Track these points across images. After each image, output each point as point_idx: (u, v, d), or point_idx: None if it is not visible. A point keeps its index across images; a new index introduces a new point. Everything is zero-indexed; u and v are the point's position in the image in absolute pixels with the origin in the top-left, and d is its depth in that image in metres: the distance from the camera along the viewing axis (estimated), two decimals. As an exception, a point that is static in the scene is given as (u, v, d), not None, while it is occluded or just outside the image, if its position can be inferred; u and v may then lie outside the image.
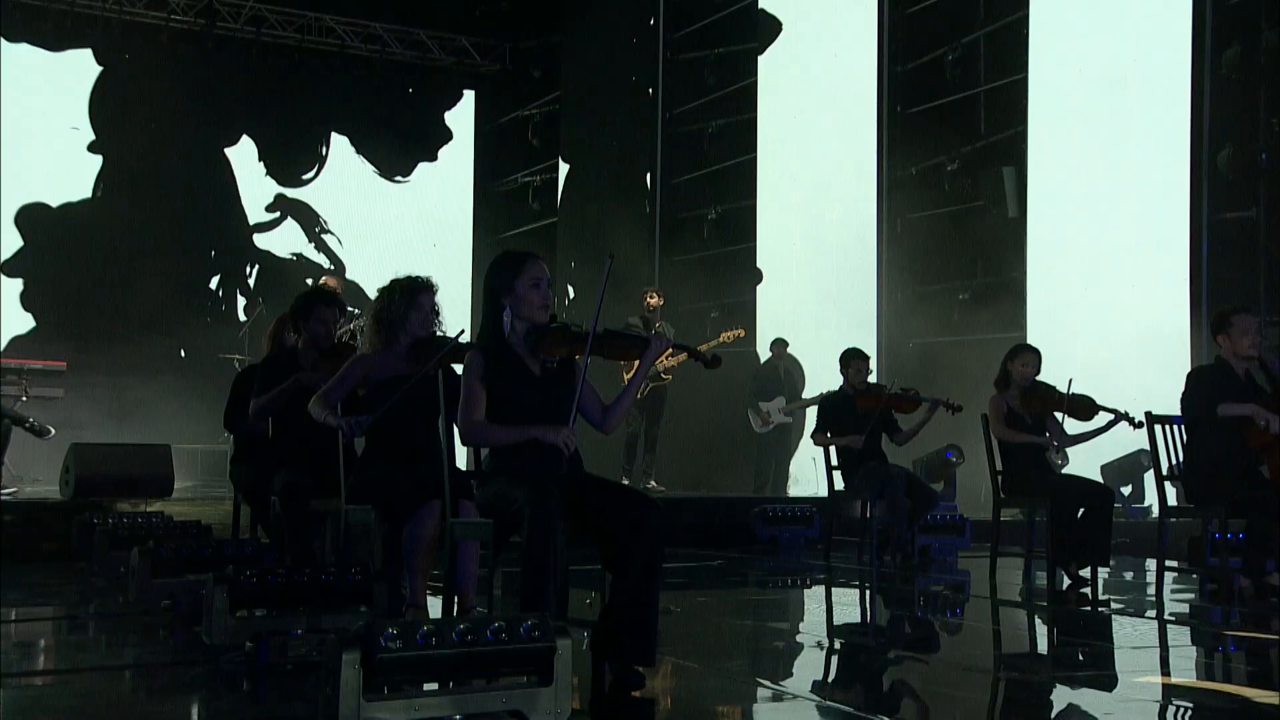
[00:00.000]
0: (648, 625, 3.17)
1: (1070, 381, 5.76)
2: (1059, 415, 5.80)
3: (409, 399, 3.94)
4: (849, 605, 5.56)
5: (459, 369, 4.24)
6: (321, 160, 12.91)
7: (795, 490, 9.97)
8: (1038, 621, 5.07)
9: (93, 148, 11.86)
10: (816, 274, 10.87)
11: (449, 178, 13.58)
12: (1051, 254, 9.39)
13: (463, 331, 4.01)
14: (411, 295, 4.18)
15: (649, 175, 12.22)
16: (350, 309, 7.70)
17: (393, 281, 4.22)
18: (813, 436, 6.67)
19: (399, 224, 13.10)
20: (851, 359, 6.65)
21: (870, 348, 9.66)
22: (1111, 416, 5.71)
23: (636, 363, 3.42)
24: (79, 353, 11.11)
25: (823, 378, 9.67)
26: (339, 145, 13.07)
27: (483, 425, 3.32)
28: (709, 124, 11.76)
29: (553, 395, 3.40)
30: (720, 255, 11.57)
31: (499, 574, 3.33)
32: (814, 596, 5.82)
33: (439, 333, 4.22)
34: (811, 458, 10.37)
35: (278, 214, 12.58)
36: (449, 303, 13.71)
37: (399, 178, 13.26)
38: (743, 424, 10.12)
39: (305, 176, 12.86)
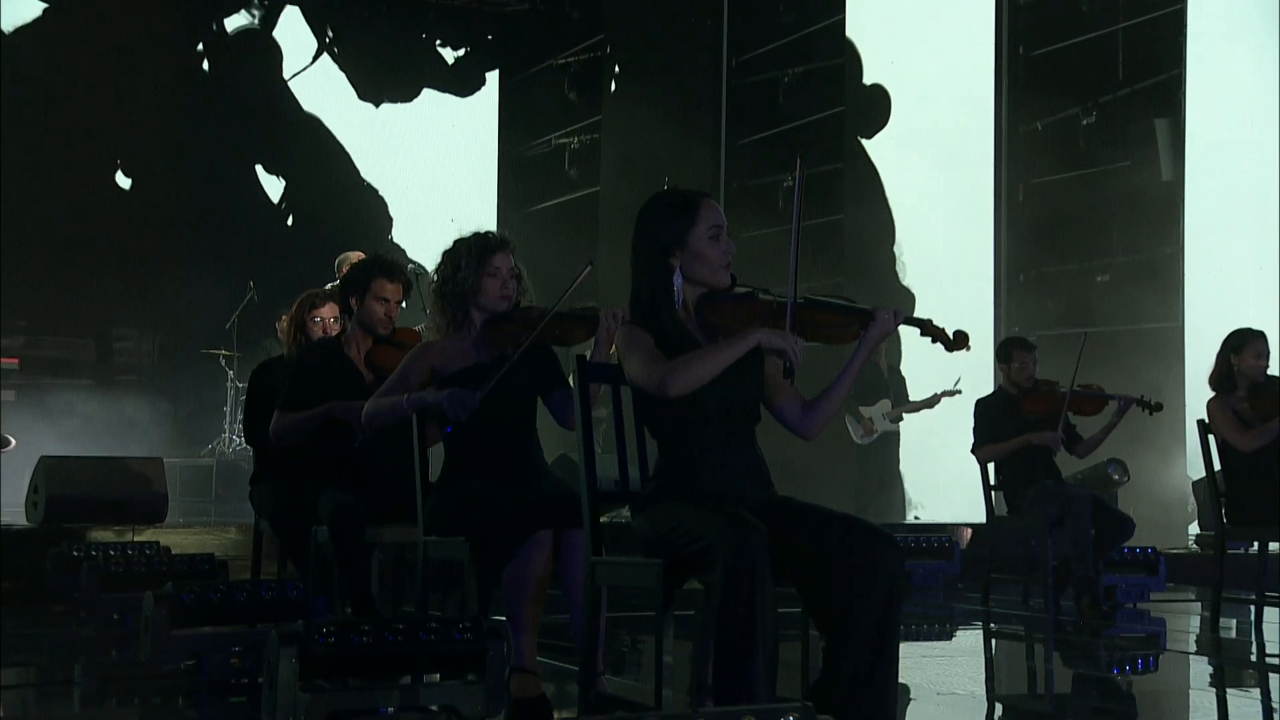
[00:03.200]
0: (884, 707, 2.69)
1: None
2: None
3: (496, 396, 3.51)
4: (1014, 662, 5.18)
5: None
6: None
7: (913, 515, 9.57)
8: None
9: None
10: (919, 251, 10.56)
11: (467, 140, 13.13)
12: (1215, 225, 9.08)
13: (589, 266, 3.55)
14: (482, 258, 3.68)
15: (712, 135, 11.81)
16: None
17: (456, 242, 3.74)
18: (976, 452, 6.18)
19: (408, 196, 12.71)
20: (1014, 350, 6.20)
21: (984, 341, 9.25)
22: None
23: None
24: (31, 348, 10.70)
25: (933, 377, 9.25)
26: (333, 100, 12.63)
27: (676, 362, 2.83)
28: (785, 72, 11.34)
29: (741, 386, 2.95)
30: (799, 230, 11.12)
31: (669, 630, 2.82)
32: (966, 649, 5.47)
33: (524, 303, 3.76)
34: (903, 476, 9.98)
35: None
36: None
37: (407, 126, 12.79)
38: (837, 432, 9.65)
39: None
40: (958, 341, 2.96)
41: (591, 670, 3.03)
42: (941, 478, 10.22)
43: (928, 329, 2.97)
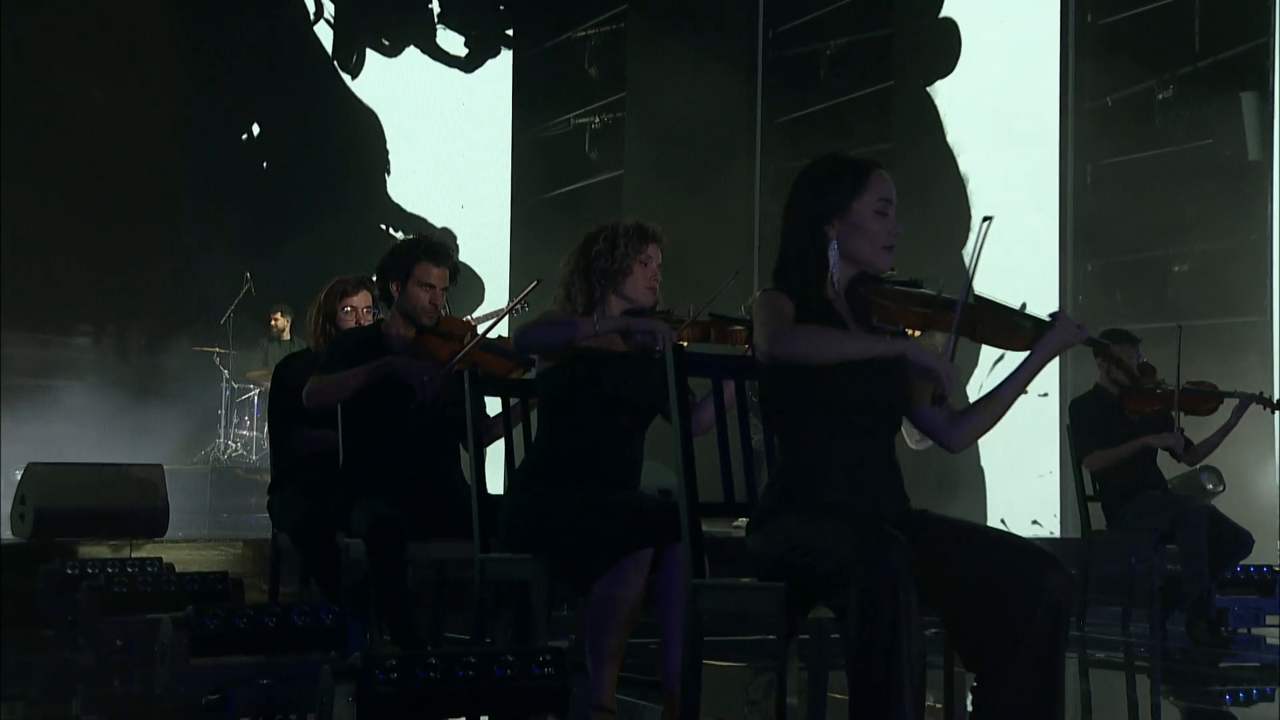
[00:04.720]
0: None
1: None
2: None
3: (608, 398, 3.40)
4: (1114, 694, 4.97)
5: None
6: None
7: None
8: None
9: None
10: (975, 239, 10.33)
11: (478, 119, 13.05)
12: (1308, 209, 8.96)
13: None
14: (641, 243, 3.57)
15: (747, 113, 11.71)
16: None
17: (613, 224, 3.63)
18: (1084, 459, 5.95)
19: (414, 181, 12.63)
20: (1115, 344, 5.93)
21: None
22: None
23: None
24: (12, 346, 10.60)
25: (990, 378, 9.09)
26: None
27: (807, 328, 2.67)
28: (827, 44, 11.25)
29: (885, 385, 2.74)
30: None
31: (793, 662, 2.59)
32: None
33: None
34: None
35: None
36: (484, 277, 12.80)
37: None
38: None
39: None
40: (1145, 375, 2.77)
41: (693, 713, 2.78)
42: (1005, 486, 10.05)
43: (1110, 356, 2.79)
